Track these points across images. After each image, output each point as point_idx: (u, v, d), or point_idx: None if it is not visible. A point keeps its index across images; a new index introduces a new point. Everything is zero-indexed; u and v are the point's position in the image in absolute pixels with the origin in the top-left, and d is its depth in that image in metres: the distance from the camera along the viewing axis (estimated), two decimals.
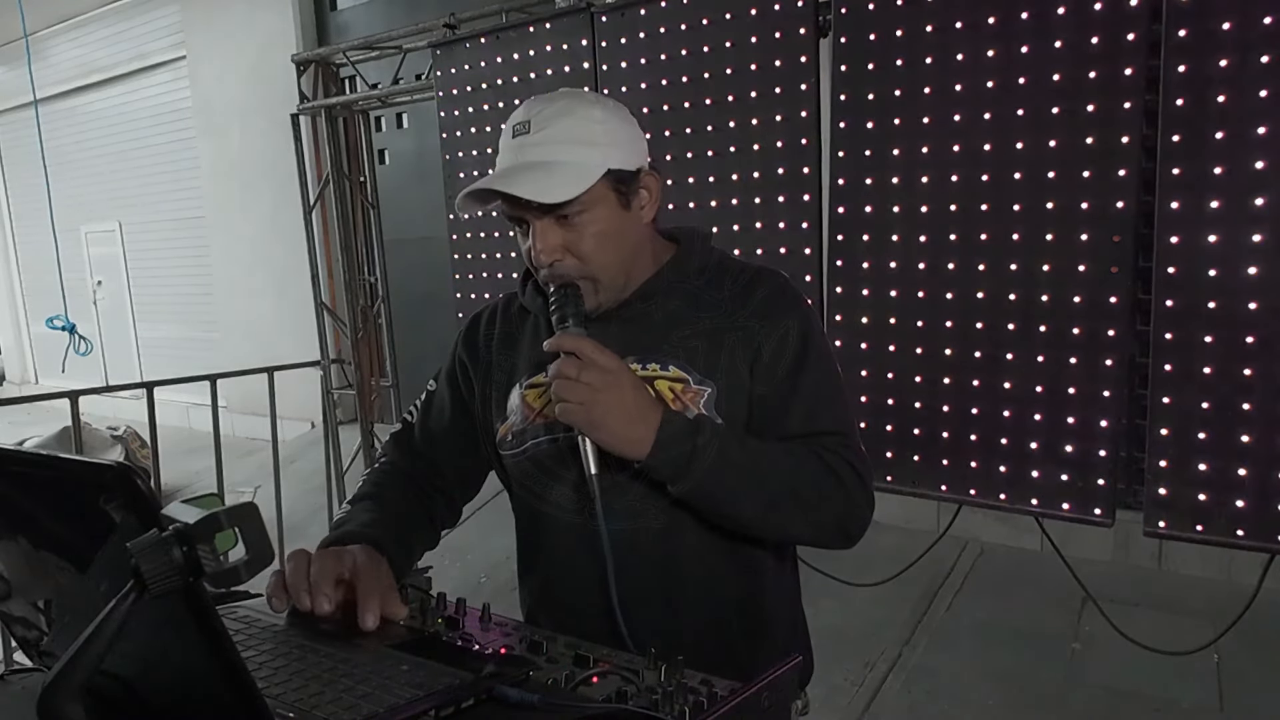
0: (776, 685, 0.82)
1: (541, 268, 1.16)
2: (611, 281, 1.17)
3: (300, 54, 4.17)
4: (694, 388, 1.15)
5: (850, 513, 1.14)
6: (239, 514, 0.64)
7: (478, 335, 1.34)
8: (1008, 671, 3.03)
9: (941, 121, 2.29)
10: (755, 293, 1.19)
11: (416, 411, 1.36)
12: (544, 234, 1.13)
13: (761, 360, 1.16)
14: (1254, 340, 1.94)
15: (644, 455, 1.06)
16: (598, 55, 2.90)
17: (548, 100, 1.15)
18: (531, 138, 1.12)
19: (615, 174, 1.13)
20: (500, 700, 0.82)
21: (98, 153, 8.79)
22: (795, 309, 1.19)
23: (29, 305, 10.27)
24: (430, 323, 5.46)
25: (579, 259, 1.14)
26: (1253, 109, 1.91)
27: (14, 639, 0.93)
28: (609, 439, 1.06)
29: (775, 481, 1.10)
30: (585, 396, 1.04)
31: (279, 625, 1.00)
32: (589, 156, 1.11)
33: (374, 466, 1.37)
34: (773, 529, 1.16)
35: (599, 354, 1.05)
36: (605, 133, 1.13)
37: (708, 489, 1.09)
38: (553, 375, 1.06)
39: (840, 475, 1.12)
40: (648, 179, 1.18)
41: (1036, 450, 2.23)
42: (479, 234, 3.33)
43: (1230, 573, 3.33)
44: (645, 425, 1.06)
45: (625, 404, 1.05)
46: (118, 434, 6.56)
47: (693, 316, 1.19)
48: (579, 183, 1.10)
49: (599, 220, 1.13)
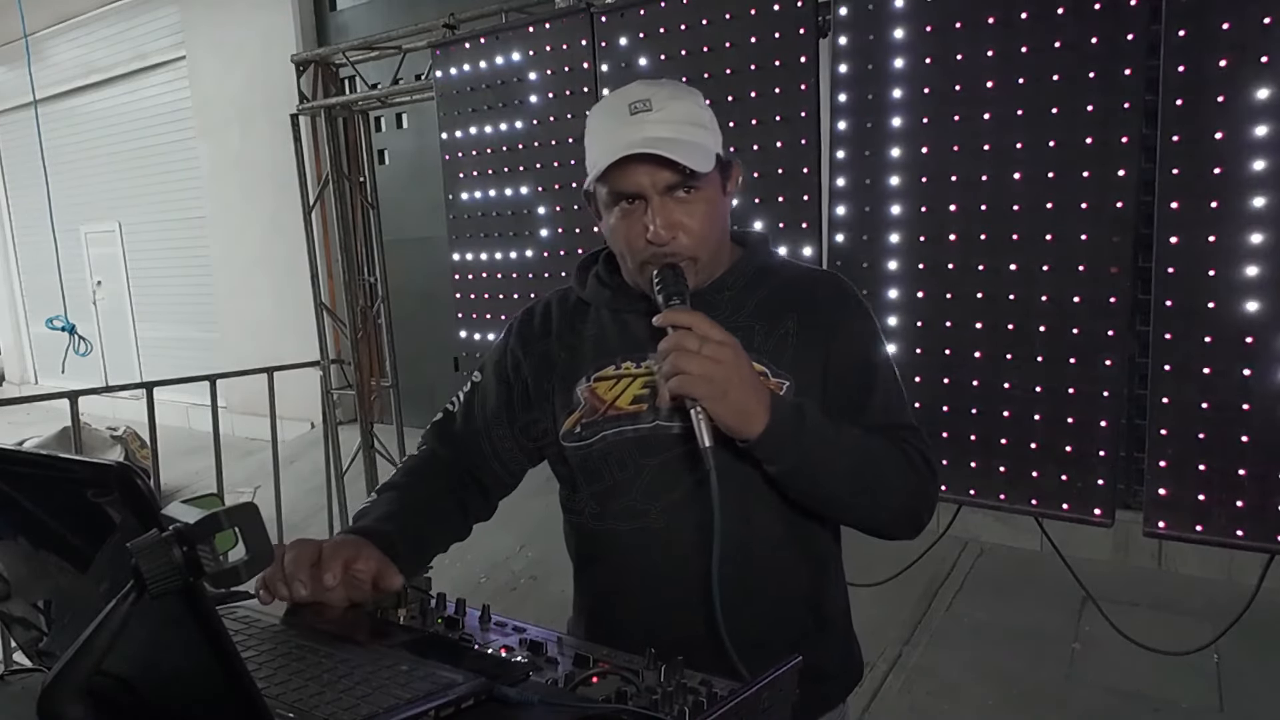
0: (776, 685, 0.82)
1: (654, 245, 1.15)
2: (710, 261, 1.21)
3: (300, 54, 4.17)
4: (772, 380, 1.18)
5: (922, 502, 1.19)
6: (239, 514, 0.64)
7: (532, 328, 1.33)
8: (1008, 671, 3.03)
9: (941, 121, 2.29)
10: (820, 294, 1.25)
11: (459, 402, 1.36)
12: (664, 210, 1.14)
13: (833, 358, 1.20)
14: (1254, 340, 1.94)
15: (757, 430, 1.06)
16: (598, 55, 2.90)
17: (659, 84, 1.19)
18: (654, 115, 1.14)
19: (720, 159, 1.18)
20: (500, 700, 0.82)
21: (98, 153, 8.79)
22: (859, 310, 1.25)
23: (29, 305, 10.27)
24: (430, 323, 5.46)
25: (690, 237, 1.16)
26: (1252, 109, 1.91)
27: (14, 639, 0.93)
28: (727, 411, 1.05)
29: (867, 467, 1.14)
30: (707, 368, 1.03)
31: (279, 625, 1.00)
32: (706, 138, 1.16)
33: (411, 454, 1.37)
34: (852, 512, 1.18)
35: (715, 328, 1.06)
36: (710, 119, 1.19)
37: (808, 468, 1.11)
38: (670, 347, 1.05)
39: (916, 466, 1.16)
40: (736, 168, 1.23)
41: (1036, 450, 2.23)
42: (479, 234, 3.34)
43: (1230, 573, 3.33)
44: (760, 402, 1.06)
45: (745, 377, 1.05)
46: (117, 434, 6.56)
47: (765, 312, 1.23)
48: (706, 160, 1.14)
49: (709, 200, 1.17)
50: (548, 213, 3.12)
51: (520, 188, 3.18)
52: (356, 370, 4.46)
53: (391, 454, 4.45)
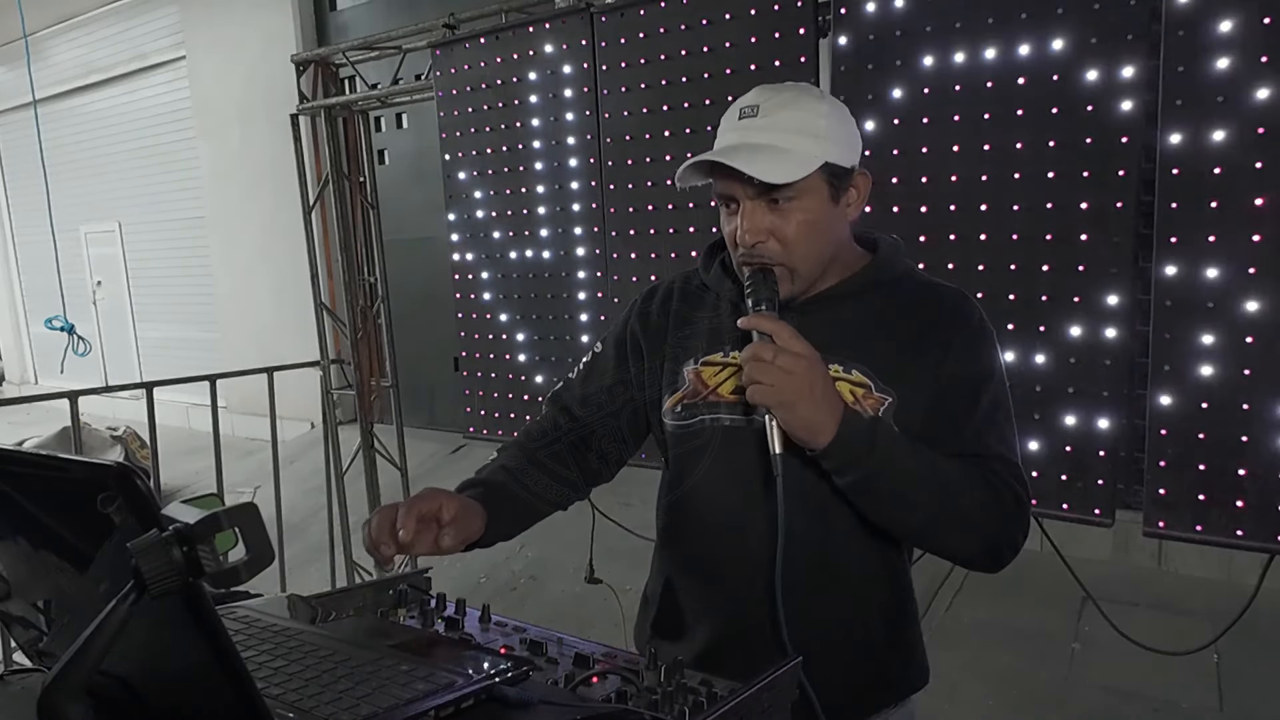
0: (776, 685, 0.82)
1: (742, 248, 1.17)
2: (808, 272, 1.20)
3: (300, 54, 4.17)
4: (875, 394, 1.18)
5: (1007, 539, 1.17)
6: (239, 514, 0.64)
7: (653, 306, 1.37)
8: (1008, 671, 3.04)
9: (941, 121, 2.29)
10: (945, 310, 1.23)
11: (579, 371, 1.41)
12: (752, 214, 1.16)
13: (944, 378, 1.18)
14: (1254, 340, 1.94)
15: (824, 444, 1.08)
16: (598, 55, 2.90)
17: (776, 90, 1.20)
18: (758, 121, 1.16)
19: (831, 168, 1.16)
20: (500, 700, 0.82)
21: (98, 153, 8.80)
22: (982, 332, 1.22)
23: (28, 305, 10.27)
24: (430, 323, 5.45)
25: (782, 244, 1.16)
26: (1252, 109, 1.91)
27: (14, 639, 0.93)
28: (794, 422, 1.07)
29: (941, 492, 1.13)
30: (778, 379, 1.06)
31: (279, 625, 1.00)
32: (810, 146, 1.14)
33: (532, 419, 1.44)
34: (926, 537, 1.18)
35: (794, 340, 1.08)
36: (828, 127, 1.16)
37: (876, 485, 1.11)
38: (747, 356, 1.08)
39: (1003, 500, 1.14)
40: (859, 178, 1.21)
41: (1036, 450, 2.23)
42: (479, 234, 3.33)
43: (1230, 573, 3.33)
44: (830, 414, 1.08)
45: (815, 390, 1.07)
46: (117, 434, 6.57)
47: (881, 324, 1.22)
48: (798, 169, 1.13)
49: (808, 209, 1.16)
50: (548, 213, 3.12)
51: (520, 188, 3.18)
52: (356, 370, 4.46)
53: (391, 454, 4.45)
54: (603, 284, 3.00)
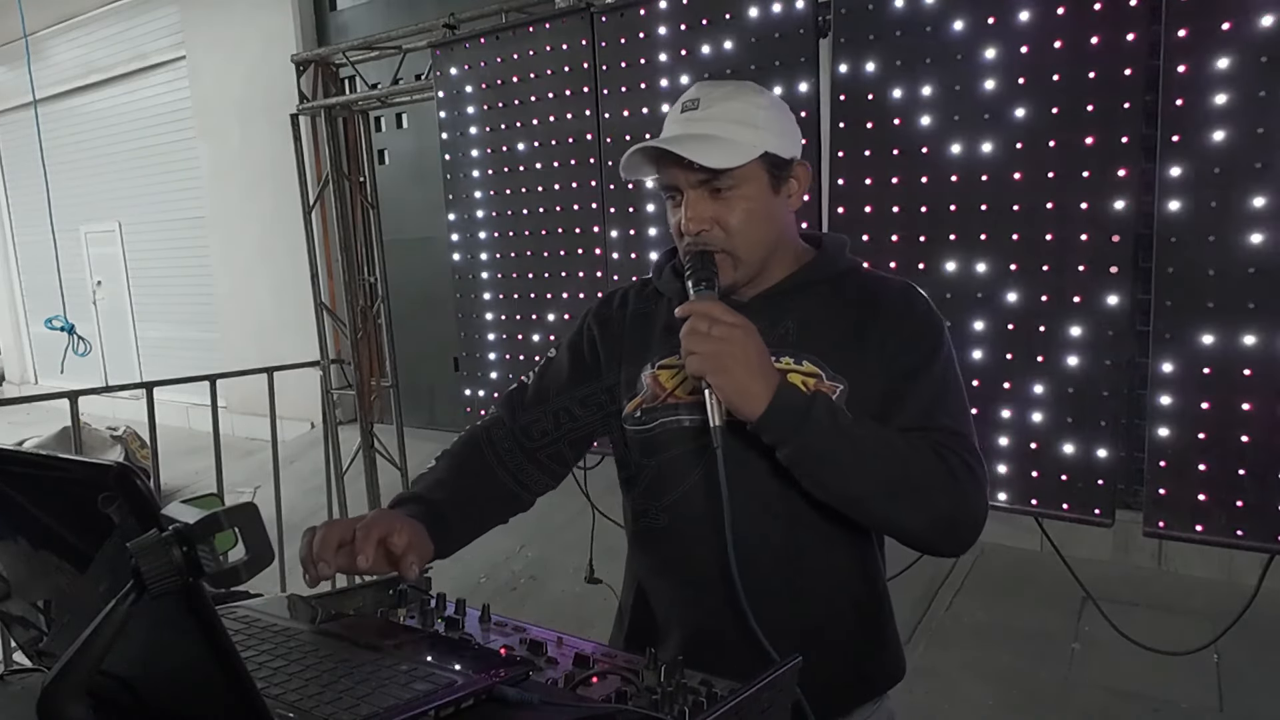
0: (776, 685, 0.82)
1: (688, 236, 1.20)
2: (750, 260, 1.22)
3: (300, 54, 4.17)
4: (826, 383, 1.19)
5: (963, 511, 1.15)
6: (239, 514, 0.64)
7: (611, 310, 1.38)
8: (1008, 671, 3.04)
9: (941, 121, 2.29)
10: (891, 301, 1.24)
11: (533, 375, 1.41)
12: (696, 203, 1.19)
13: (892, 364, 1.20)
14: (1254, 340, 1.94)
15: (759, 411, 1.09)
16: (598, 55, 2.90)
17: (717, 84, 1.24)
18: (699, 113, 1.19)
19: (771, 157, 1.19)
20: (500, 700, 0.82)
21: (98, 153, 8.80)
22: (932, 325, 1.24)
23: (28, 305, 10.27)
24: (430, 323, 5.45)
25: (725, 232, 1.19)
26: (1253, 109, 1.91)
27: (14, 639, 0.93)
28: (730, 388, 1.09)
29: (885, 464, 1.12)
30: (713, 347, 1.09)
31: (279, 625, 1.00)
32: (750, 136, 1.17)
33: (479, 421, 1.41)
34: (881, 512, 1.16)
35: (728, 313, 1.11)
36: (766, 118, 1.20)
37: (815, 456, 1.11)
38: (685, 331, 1.11)
39: (953, 470, 1.14)
40: (799, 169, 1.24)
41: (1036, 450, 2.23)
42: (479, 234, 3.33)
43: (1230, 573, 3.33)
44: (765, 383, 1.10)
45: (750, 358, 1.10)
46: (117, 434, 6.56)
47: (828, 316, 1.24)
48: (738, 156, 1.16)
49: (750, 197, 1.19)
50: (548, 212, 3.12)
51: (520, 188, 3.18)
52: (356, 370, 4.46)
53: (391, 454, 4.45)
54: (602, 284, 3.00)
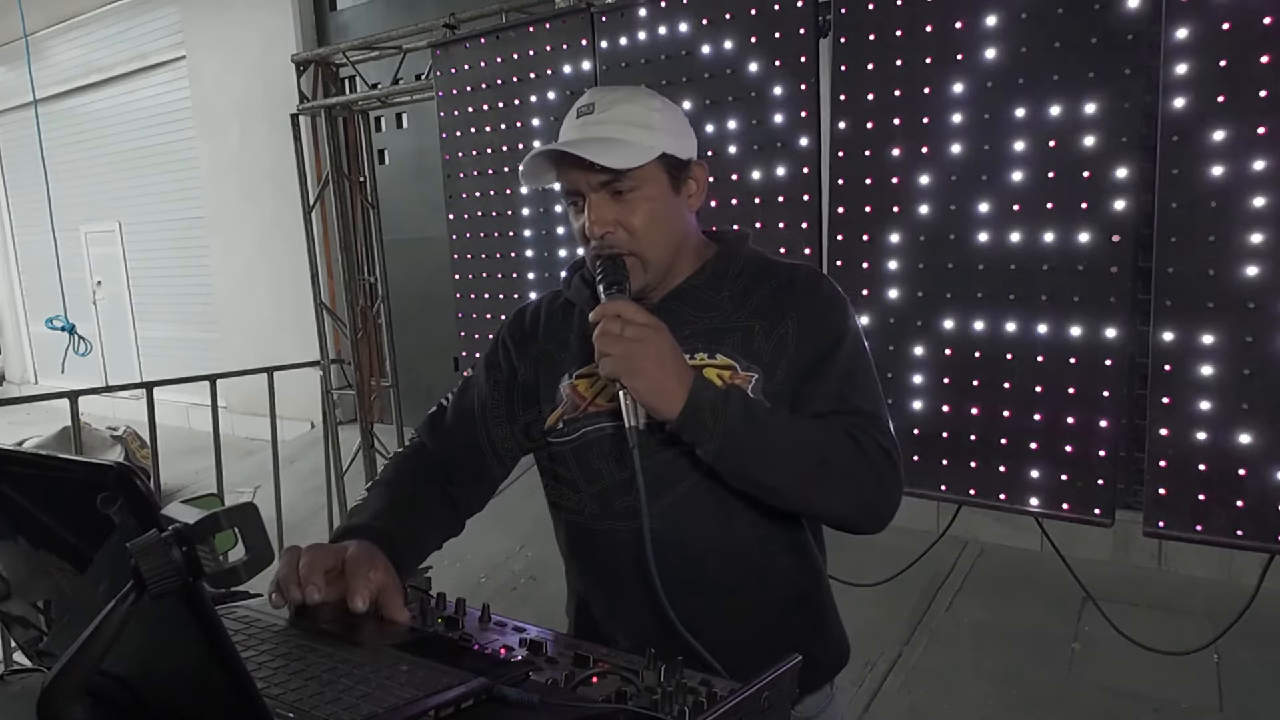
0: (776, 685, 0.82)
1: (593, 240, 1.20)
2: (658, 260, 1.22)
3: (300, 54, 4.17)
4: (741, 374, 1.20)
5: (879, 491, 1.17)
6: (239, 514, 0.64)
7: (524, 325, 1.39)
8: (1008, 671, 3.04)
9: (941, 121, 2.29)
10: (797, 288, 1.25)
11: (452, 396, 1.40)
12: (598, 206, 1.19)
13: (801, 348, 1.21)
14: (1253, 340, 1.94)
15: (676, 409, 1.10)
16: (598, 55, 2.90)
17: (611, 89, 1.25)
18: (595, 117, 1.20)
19: (669, 159, 1.20)
20: (500, 700, 0.82)
21: (98, 153, 8.79)
22: (838, 308, 1.25)
23: (29, 305, 10.27)
24: (430, 323, 5.45)
25: (630, 233, 1.19)
26: (1253, 109, 1.91)
27: (14, 639, 0.93)
28: (645, 389, 1.09)
29: (803, 450, 1.13)
30: (625, 348, 1.08)
31: (279, 625, 1.00)
32: (646, 138, 1.18)
33: (403, 448, 1.40)
34: (801, 499, 1.17)
35: (639, 313, 1.11)
36: (662, 120, 1.21)
37: (735, 451, 1.12)
38: (598, 334, 1.10)
39: (868, 452, 1.15)
40: (697, 170, 1.26)
41: (1036, 450, 2.23)
42: (479, 234, 3.33)
43: (1230, 573, 3.33)
44: (679, 381, 1.10)
45: (664, 357, 1.09)
46: (117, 434, 6.56)
47: (736, 308, 1.25)
48: (637, 157, 1.17)
49: (651, 198, 1.20)
50: (548, 213, 3.12)
51: (520, 188, 3.18)
52: (356, 370, 4.46)
53: (391, 454, 4.45)
54: None
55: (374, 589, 1.04)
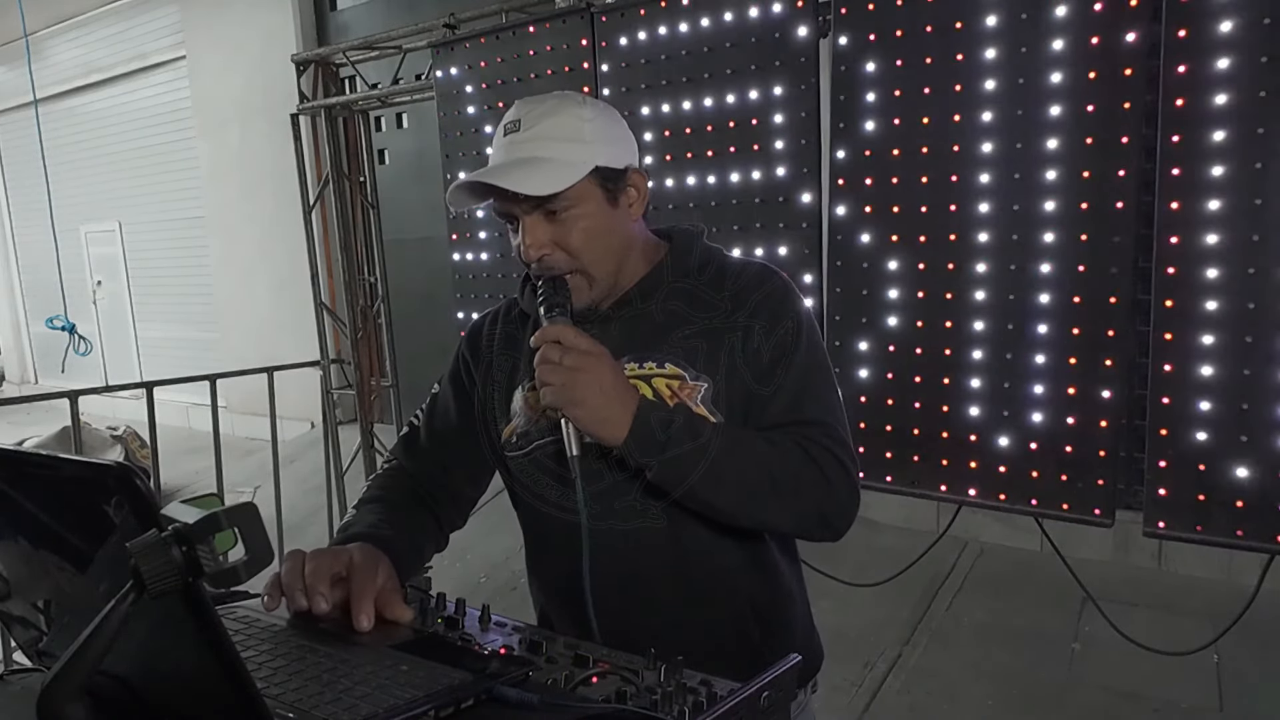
0: (776, 685, 0.82)
1: (530, 262, 1.18)
2: (603, 276, 1.19)
3: (300, 54, 4.17)
4: (690, 383, 1.17)
5: (832, 503, 1.15)
6: (238, 514, 0.64)
7: (480, 337, 1.36)
8: (1008, 671, 3.04)
9: (941, 122, 2.29)
10: (753, 291, 1.21)
11: (422, 414, 1.38)
12: (532, 229, 1.16)
13: (757, 357, 1.18)
14: (1253, 340, 1.94)
15: (620, 437, 1.08)
16: (598, 55, 2.90)
17: (538, 101, 1.19)
18: (521, 135, 1.15)
19: (602, 171, 1.15)
20: (500, 700, 0.82)
21: (98, 153, 8.80)
22: (790, 306, 1.21)
23: (29, 305, 10.27)
24: (430, 323, 5.45)
25: (568, 253, 1.16)
26: (1253, 109, 1.91)
27: (14, 639, 0.93)
28: (587, 419, 1.07)
29: (753, 468, 1.11)
30: (565, 378, 1.06)
31: (279, 625, 1.00)
32: (576, 153, 1.14)
33: (380, 470, 1.39)
34: (751, 517, 1.15)
35: (579, 338, 1.08)
36: (593, 130, 1.16)
37: (682, 474, 1.10)
38: (537, 361, 1.09)
39: (821, 464, 1.13)
40: (635, 177, 1.20)
41: (1036, 450, 2.22)
42: (479, 234, 3.33)
43: (1230, 573, 3.33)
44: (622, 407, 1.08)
45: (604, 384, 1.07)
46: (117, 434, 6.56)
47: (690, 315, 1.21)
48: (565, 178, 1.13)
49: (587, 216, 1.16)
50: None
51: None
52: (356, 370, 4.46)
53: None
54: None
55: (378, 602, 1.03)
